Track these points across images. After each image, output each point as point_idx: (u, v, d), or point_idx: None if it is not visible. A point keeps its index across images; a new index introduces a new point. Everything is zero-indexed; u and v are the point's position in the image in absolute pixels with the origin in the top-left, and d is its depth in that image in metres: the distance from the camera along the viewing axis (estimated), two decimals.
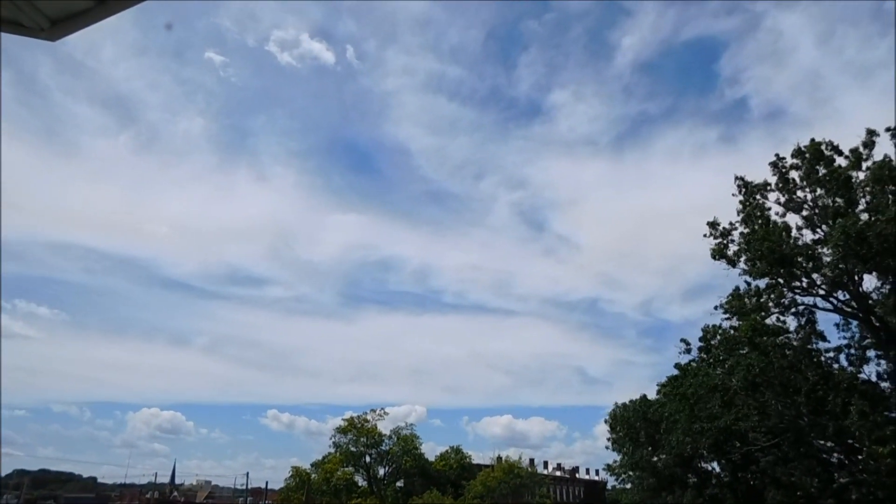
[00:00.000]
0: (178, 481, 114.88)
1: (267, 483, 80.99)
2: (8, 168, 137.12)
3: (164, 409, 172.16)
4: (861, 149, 31.79)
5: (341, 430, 68.43)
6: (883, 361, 31.51)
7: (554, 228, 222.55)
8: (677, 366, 37.92)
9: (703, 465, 47.06)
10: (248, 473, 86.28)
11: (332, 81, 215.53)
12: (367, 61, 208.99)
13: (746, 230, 33.50)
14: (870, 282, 31.24)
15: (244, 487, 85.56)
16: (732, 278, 34.72)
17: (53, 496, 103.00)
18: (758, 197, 33.88)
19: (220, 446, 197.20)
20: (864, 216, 30.15)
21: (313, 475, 66.27)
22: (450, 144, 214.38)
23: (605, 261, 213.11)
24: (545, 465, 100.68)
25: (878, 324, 30.36)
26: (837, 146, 32.29)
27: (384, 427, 69.45)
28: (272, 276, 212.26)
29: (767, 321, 32.92)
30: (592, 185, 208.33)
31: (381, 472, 69.85)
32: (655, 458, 49.45)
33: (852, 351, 33.06)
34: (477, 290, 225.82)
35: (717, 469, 46.04)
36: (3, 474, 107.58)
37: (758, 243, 31.70)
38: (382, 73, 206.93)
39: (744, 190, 34.37)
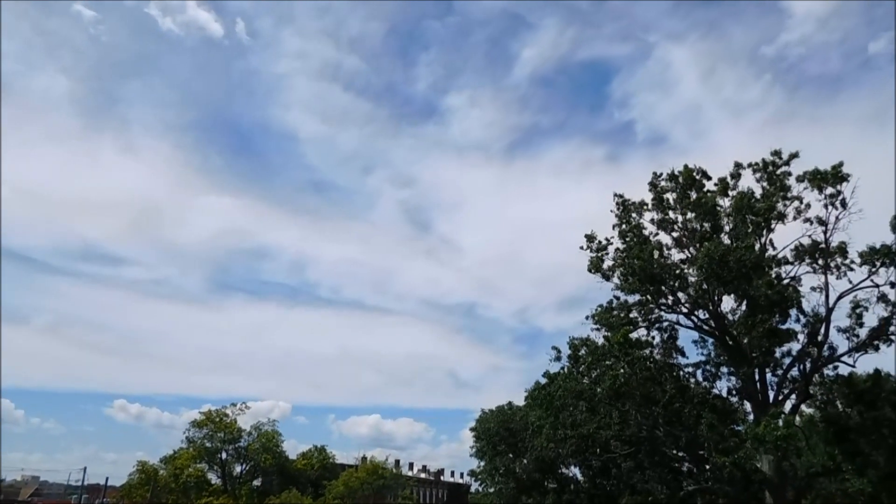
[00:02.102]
0: None
1: (107, 479, 76.01)
2: None
3: None
4: (728, 179, 34.88)
5: (197, 424, 65.57)
6: (733, 378, 34.65)
7: (438, 230, 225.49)
8: (546, 374, 39.61)
9: (564, 470, 49.61)
10: (85, 468, 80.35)
11: (219, 56, 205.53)
12: (259, 39, 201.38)
13: (622, 246, 35.60)
14: (727, 303, 34.29)
15: (79, 483, 79.80)
16: (606, 292, 36.73)
17: None
18: (634, 215, 36.08)
19: (54, 438, 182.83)
20: (727, 241, 33.10)
21: (161, 471, 63.08)
22: (339, 135, 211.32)
23: (486, 266, 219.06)
24: (410, 466, 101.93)
25: (731, 343, 33.31)
26: (707, 172, 35.17)
27: (245, 422, 67.44)
28: (131, 255, 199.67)
29: (634, 335, 35.16)
30: (480, 191, 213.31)
31: (238, 469, 67.71)
32: (516, 465, 51.53)
33: (708, 367, 36.06)
34: (354, 285, 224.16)
35: (578, 475, 48.71)
36: None
37: (631, 260, 33.78)
38: (275, 54, 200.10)
39: (622, 207, 36.49)
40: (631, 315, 35.66)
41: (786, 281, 33.06)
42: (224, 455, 66.37)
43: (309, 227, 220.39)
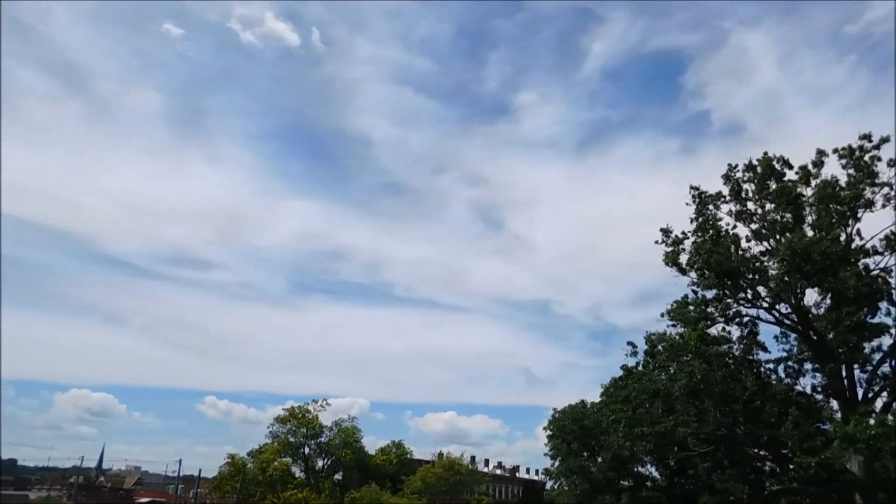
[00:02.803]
0: (105, 466, 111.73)
1: (200, 471, 79.26)
2: None
3: (96, 391, 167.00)
4: (810, 167, 33.01)
5: (281, 420, 67.68)
6: (818, 374, 32.76)
7: (510, 227, 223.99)
8: (623, 367, 38.73)
9: (640, 469, 48.28)
10: (180, 460, 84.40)
11: (296, 65, 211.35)
12: (333, 47, 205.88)
13: (698, 239, 34.30)
14: (811, 297, 32.46)
15: (176, 474, 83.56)
16: (682, 286, 35.53)
17: None
18: (711, 207, 34.71)
19: (152, 431, 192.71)
20: (810, 233, 31.32)
21: (249, 464, 65.27)
22: (411, 137, 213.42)
23: (559, 263, 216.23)
24: (486, 462, 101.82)
25: (815, 338, 31.52)
26: (788, 160, 33.45)
27: (326, 418, 69.06)
28: (219, 259, 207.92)
29: (711, 330, 33.80)
30: (551, 188, 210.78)
31: (320, 464, 69.35)
32: (590, 464, 50.58)
33: (790, 363, 34.24)
34: (428, 284, 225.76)
35: (654, 473, 47.31)
36: None
37: (708, 254, 32.49)
38: (349, 61, 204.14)
39: (697, 200, 35.18)
40: (708, 310, 34.29)
41: (875, 272, 31.02)
42: (307, 450, 68.11)
43: (384, 229, 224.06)
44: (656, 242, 35.65)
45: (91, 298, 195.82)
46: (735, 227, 33.98)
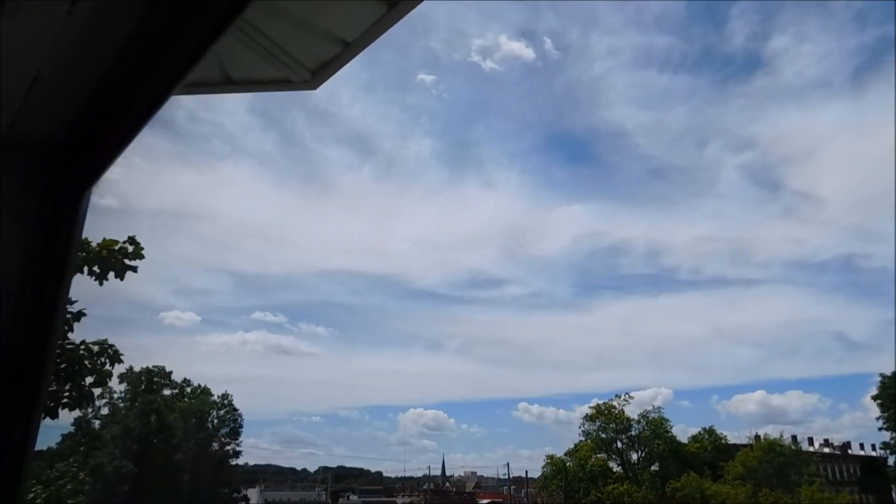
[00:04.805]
0: (447, 473, 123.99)
1: (527, 472, 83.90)
2: (282, 212, 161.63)
3: (428, 409, 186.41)
4: None
5: (589, 418, 68.73)
6: None
7: (791, 185, 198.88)
8: None
9: None
10: (508, 464, 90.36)
11: (538, 78, 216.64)
12: (569, 51, 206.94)
13: None
14: None
15: (506, 477, 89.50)
16: None
17: (350, 489, 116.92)
18: None
19: (479, 440, 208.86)
20: None
21: (568, 463, 67.24)
22: (666, 117, 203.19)
23: (855, 212, 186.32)
24: (810, 441, 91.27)
25: None
26: None
27: (631, 412, 68.45)
28: (509, 275, 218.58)
29: None
30: (830, 131, 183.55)
31: (634, 457, 68.75)
32: None
33: None
34: (712, 262, 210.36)
35: None
36: (311, 471, 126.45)
37: None
38: (588, 60, 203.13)
39: None
40: None
41: None
42: (619, 444, 68.04)
43: (656, 215, 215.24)
44: None
45: (412, 329, 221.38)
46: None
